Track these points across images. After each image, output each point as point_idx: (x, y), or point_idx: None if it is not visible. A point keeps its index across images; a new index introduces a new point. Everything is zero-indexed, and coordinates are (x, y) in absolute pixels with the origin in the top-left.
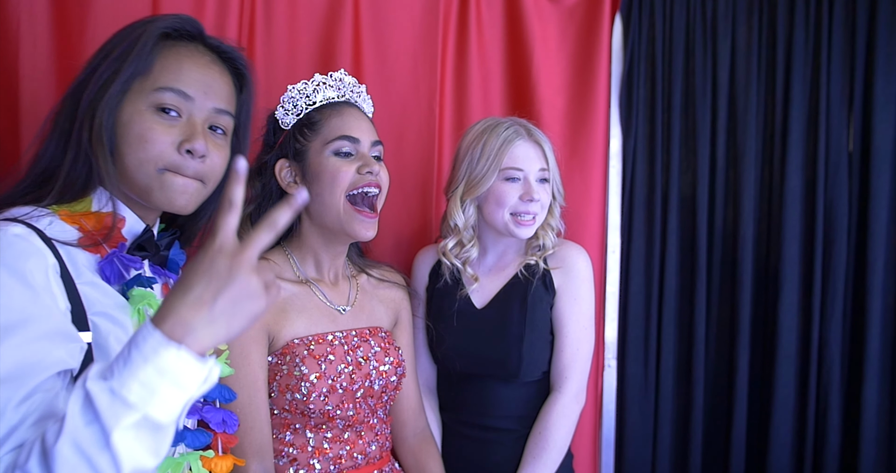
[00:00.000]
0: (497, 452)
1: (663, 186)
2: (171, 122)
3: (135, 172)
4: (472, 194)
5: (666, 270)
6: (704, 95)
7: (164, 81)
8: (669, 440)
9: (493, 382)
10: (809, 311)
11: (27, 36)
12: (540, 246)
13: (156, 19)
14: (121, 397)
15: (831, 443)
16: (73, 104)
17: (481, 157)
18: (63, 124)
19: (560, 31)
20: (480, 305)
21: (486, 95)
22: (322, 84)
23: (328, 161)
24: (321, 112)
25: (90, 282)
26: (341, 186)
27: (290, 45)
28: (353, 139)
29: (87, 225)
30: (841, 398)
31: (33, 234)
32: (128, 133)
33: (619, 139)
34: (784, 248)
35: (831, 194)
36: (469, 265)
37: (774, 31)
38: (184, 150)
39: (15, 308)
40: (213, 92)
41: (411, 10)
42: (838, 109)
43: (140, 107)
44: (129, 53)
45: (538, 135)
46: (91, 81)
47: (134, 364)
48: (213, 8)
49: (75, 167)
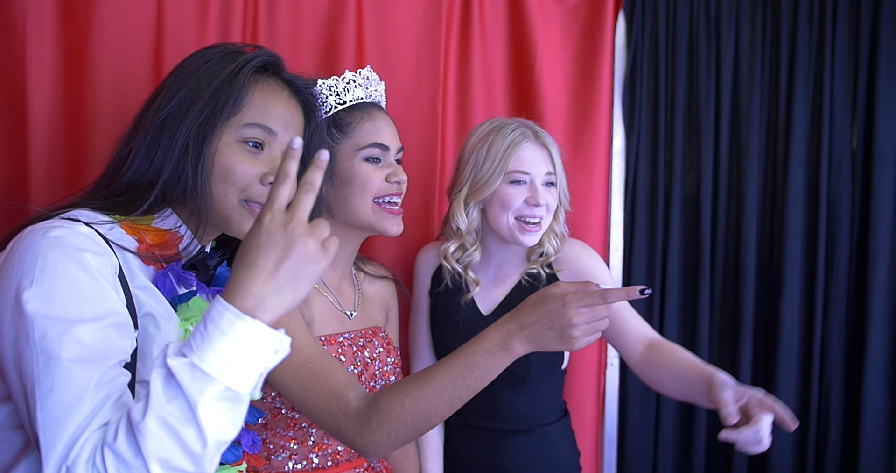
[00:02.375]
0: (508, 449)
1: (666, 184)
2: (257, 154)
3: (220, 202)
4: (477, 197)
5: (668, 268)
6: (708, 93)
7: (252, 117)
8: (672, 439)
9: (500, 387)
10: (812, 310)
11: (34, 35)
12: (542, 253)
13: (247, 55)
14: (201, 370)
15: (833, 442)
16: (165, 129)
17: (486, 159)
18: (153, 146)
19: (563, 29)
20: (487, 311)
21: (488, 94)
22: (352, 82)
23: (359, 167)
24: (351, 114)
25: (142, 286)
26: (371, 191)
27: (294, 44)
28: (384, 147)
29: (146, 238)
30: (842, 397)
31: (96, 235)
32: (216, 163)
33: (621, 137)
34: (787, 246)
35: (834, 193)
36: (471, 270)
37: (778, 29)
38: (267, 182)
39: (87, 298)
40: (291, 126)
41: (414, 9)
42: (842, 107)
43: (229, 139)
44: (228, 89)
45: (545, 137)
46: (191, 110)
47: (212, 338)
48: (216, 7)
49: (166, 189)
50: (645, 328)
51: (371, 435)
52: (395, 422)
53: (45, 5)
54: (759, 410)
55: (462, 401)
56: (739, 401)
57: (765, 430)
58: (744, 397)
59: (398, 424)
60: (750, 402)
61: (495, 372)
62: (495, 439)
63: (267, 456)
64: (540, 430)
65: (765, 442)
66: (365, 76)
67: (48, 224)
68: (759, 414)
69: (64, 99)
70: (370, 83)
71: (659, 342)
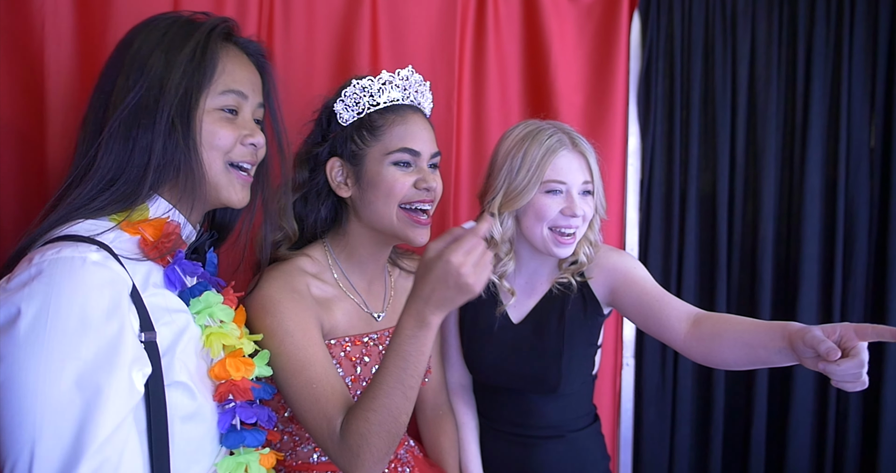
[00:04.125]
0: (538, 455)
1: (682, 184)
2: (233, 119)
3: (208, 169)
4: (511, 207)
5: (684, 268)
6: (724, 92)
7: (226, 84)
8: (688, 440)
9: (531, 395)
10: (829, 310)
11: (52, 37)
12: (575, 261)
13: (207, 23)
14: None
15: (851, 445)
16: (142, 111)
17: (521, 167)
18: (129, 132)
19: (578, 28)
20: (517, 320)
21: (503, 93)
22: (388, 83)
23: (387, 171)
24: (384, 116)
25: (153, 293)
26: (397, 197)
27: (309, 44)
28: (414, 152)
29: (146, 234)
30: (861, 399)
31: (110, 258)
32: (202, 133)
33: (637, 137)
34: (804, 246)
35: (852, 192)
36: (505, 279)
37: (795, 27)
38: (248, 142)
39: (103, 341)
40: (256, 88)
41: (429, 10)
42: (860, 106)
43: (208, 108)
44: (202, 60)
45: (583, 144)
46: (166, 87)
47: None
48: (232, 6)
49: (160, 172)
50: (685, 305)
51: (356, 459)
52: (371, 439)
53: (63, 7)
54: (857, 340)
55: (414, 390)
56: (832, 336)
57: (865, 364)
58: (835, 331)
59: (374, 439)
60: (844, 335)
61: (427, 350)
62: (525, 444)
63: (293, 447)
64: (570, 436)
65: (864, 379)
66: (404, 77)
67: (55, 255)
68: (858, 346)
69: (82, 101)
70: (409, 84)
71: (706, 314)
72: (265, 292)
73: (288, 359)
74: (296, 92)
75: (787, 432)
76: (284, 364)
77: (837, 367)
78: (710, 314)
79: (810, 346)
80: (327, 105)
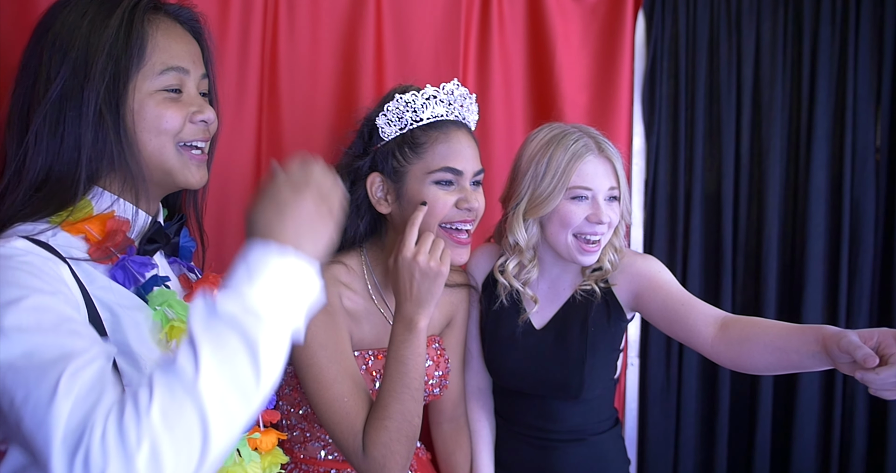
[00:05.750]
0: (558, 457)
1: (686, 183)
2: (178, 98)
3: (157, 155)
4: (536, 214)
5: (689, 268)
6: (728, 91)
7: (163, 62)
8: (693, 440)
9: (553, 400)
10: (835, 310)
11: None
12: (599, 268)
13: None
14: (252, 309)
15: (858, 446)
16: (66, 102)
17: (546, 173)
18: (56, 126)
19: (582, 28)
20: (539, 325)
21: (508, 93)
22: (432, 98)
23: (428, 190)
24: (427, 133)
25: (103, 287)
26: (437, 217)
27: (313, 44)
28: (456, 172)
29: (92, 232)
30: (867, 400)
31: (37, 247)
32: (143, 119)
33: (641, 137)
34: (809, 246)
35: (858, 192)
36: (529, 286)
37: (800, 26)
38: (198, 120)
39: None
40: (197, 58)
41: (433, 9)
42: (865, 105)
43: (147, 90)
44: (128, 39)
45: (609, 150)
46: (90, 73)
47: (254, 276)
48: (237, 6)
49: (92, 166)
50: (713, 309)
51: (383, 469)
52: (393, 446)
53: None
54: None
55: (420, 391)
56: (869, 342)
57: None
58: (873, 337)
59: (396, 446)
60: (883, 341)
61: (422, 351)
62: (546, 447)
63: (303, 442)
64: (591, 439)
65: None
66: (449, 91)
67: None
68: None
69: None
70: (454, 98)
71: (734, 318)
72: None
73: (321, 371)
74: (300, 94)
75: (792, 432)
76: (317, 376)
77: (876, 376)
78: (739, 317)
79: (846, 351)
80: (369, 118)
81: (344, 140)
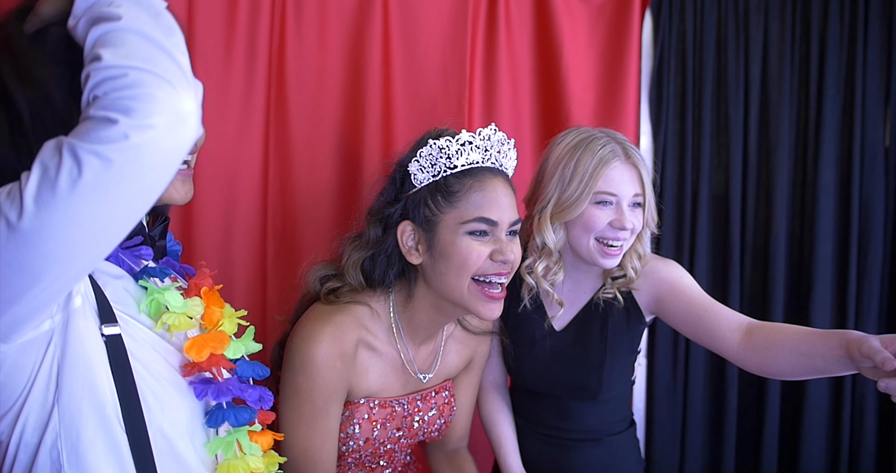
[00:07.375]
0: (574, 457)
1: (694, 183)
2: None
3: None
4: (563, 219)
5: (696, 268)
6: (736, 90)
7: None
8: (700, 441)
9: (570, 401)
10: (844, 310)
11: None
12: (623, 275)
13: None
14: None
15: (867, 446)
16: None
17: (573, 178)
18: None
19: (589, 28)
20: (560, 327)
21: (515, 94)
22: (467, 144)
23: (461, 241)
24: (461, 181)
25: (108, 282)
26: (470, 270)
27: (320, 45)
28: (491, 222)
29: None
30: (877, 400)
31: None
32: None
33: (649, 136)
34: (817, 245)
35: (867, 191)
36: (554, 289)
37: (808, 25)
38: None
39: None
40: None
41: (440, 9)
42: (874, 104)
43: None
44: None
45: (636, 156)
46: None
47: None
48: (245, 9)
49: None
50: (737, 315)
51: None
52: None
53: None
54: None
55: None
56: (890, 347)
57: None
58: (894, 342)
59: None
60: None
61: None
62: (562, 446)
63: None
64: (607, 440)
65: None
66: (485, 137)
67: None
68: None
69: None
70: (491, 144)
71: (759, 324)
72: (312, 349)
73: (300, 420)
74: (307, 98)
75: (800, 433)
76: (295, 421)
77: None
78: (763, 323)
79: (867, 356)
80: (402, 163)
81: (375, 185)
